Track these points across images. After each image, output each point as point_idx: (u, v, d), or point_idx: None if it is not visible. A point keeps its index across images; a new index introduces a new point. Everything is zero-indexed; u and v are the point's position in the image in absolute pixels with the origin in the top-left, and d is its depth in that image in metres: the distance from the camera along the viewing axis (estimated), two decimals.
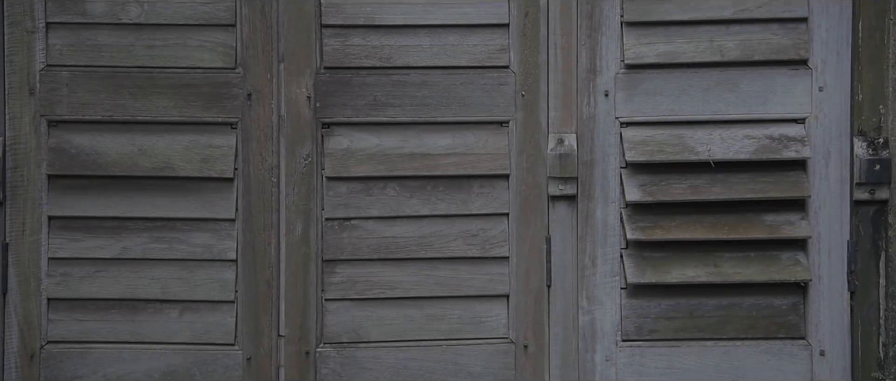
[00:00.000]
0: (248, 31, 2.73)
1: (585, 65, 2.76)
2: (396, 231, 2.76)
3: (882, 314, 2.74)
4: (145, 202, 2.74)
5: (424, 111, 2.75)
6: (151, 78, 2.74)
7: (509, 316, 2.77)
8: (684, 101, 2.75)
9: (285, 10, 2.71)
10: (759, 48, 2.73)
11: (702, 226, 2.73)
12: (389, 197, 2.75)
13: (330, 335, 2.76)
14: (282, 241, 2.73)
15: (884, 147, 2.71)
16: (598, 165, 2.77)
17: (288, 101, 2.72)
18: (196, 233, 2.74)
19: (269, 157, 2.73)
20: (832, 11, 2.73)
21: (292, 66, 2.73)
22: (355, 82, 2.74)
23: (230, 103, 2.73)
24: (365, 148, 2.74)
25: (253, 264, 2.74)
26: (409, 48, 2.74)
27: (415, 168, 2.75)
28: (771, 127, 2.73)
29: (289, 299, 2.74)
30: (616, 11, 2.76)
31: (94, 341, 2.77)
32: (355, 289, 2.76)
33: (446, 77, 2.75)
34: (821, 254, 2.75)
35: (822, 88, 2.73)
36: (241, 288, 2.74)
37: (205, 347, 2.75)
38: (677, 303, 2.76)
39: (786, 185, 2.71)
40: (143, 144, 2.74)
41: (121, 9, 2.74)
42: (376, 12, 2.73)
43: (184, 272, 2.75)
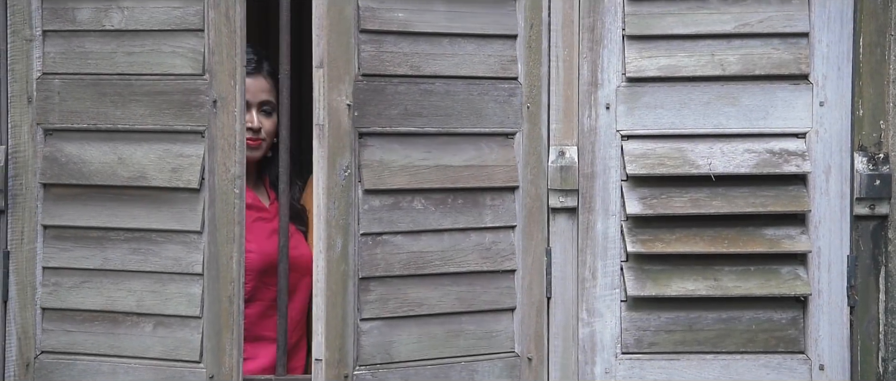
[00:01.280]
0: (214, 36, 2.65)
1: (587, 77, 2.77)
2: (422, 246, 2.69)
3: (882, 329, 2.74)
4: (124, 213, 2.71)
5: (448, 122, 2.71)
6: (130, 85, 2.70)
7: (515, 330, 2.76)
8: (685, 114, 2.75)
9: (327, 13, 2.59)
10: (760, 63, 2.74)
11: (702, 239, 2.73)
12: (416, 211, 2.69)
13: (365, 356, 2.65)
14: (321, 258, 2.61)
15: (884, 162, 2.72)
16: (598, 178, 2.77)
17: (329, 109, 2.59)
18: (169, 245, 2.69)
19: (232, 167, 2.63)
20: (833, 27, 2.74)
21: (333, 72, 2.60)
22: (389, 91, 2.66)
23: (198, 111, 2.66)
24: (396, 159, 2.67)
25: (217, 278, 2.66)
26: (436, 56, 2.69)
27: (439, 180, 2.69)
28: (772, 141, 2.74)
29: (328, 320, 2.61)
30: (618, 25, 2.76)
31: (79, 353, 2.75)
32: (387, 307, 2.66)
33: (466, 87, 2.72)
34: (821, 268, 2.75)
35: (822, 103, 2.74)
36: (206, 303, 2.67)
37: (174, 363, 2.69)
38: (677, 316, 2.76)
39: (786, 199, 2.72)
40: (123, 152, 2.71)
41: (104, 15, 2.71)
42: (408, 18, 2.67)
43: (157, 285, 2.70)
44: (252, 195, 2.90)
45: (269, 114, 2.87)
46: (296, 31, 2.83)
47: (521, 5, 2.74)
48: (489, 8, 2.74)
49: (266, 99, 2.86)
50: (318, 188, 2.60)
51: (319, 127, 2.59)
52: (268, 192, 2.95)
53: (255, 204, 2.89)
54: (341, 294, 2.61)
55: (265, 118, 2.88)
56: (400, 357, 2.67)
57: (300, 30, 4.27)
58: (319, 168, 2.60)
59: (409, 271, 2.67)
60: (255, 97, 2.85)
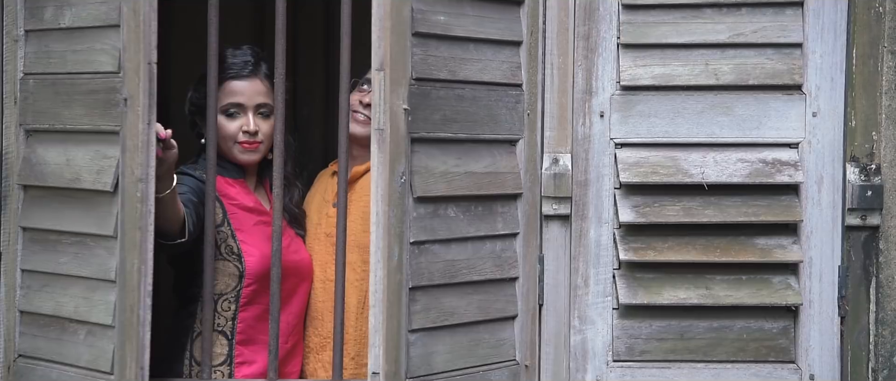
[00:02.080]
0: (126, 32, 2.52)
1: (581, 85, 2.77)
2: (453, 254, 2.64)
3: (872, 340, 2.75)
4: (69, 216, 2.65)
5: (473, 128, 2.67)
6: (74, 85, 2.65)
7: (516, 337, 2.75)
8: (679, 123, 2.76)
9: (389, 14, 2.50)
10: (753, 72, 2.75)
11: (694, 248, 2.73)
12: (450, 218, 2.63)
13: (412, 368, 2.57)
14: (379, 268, 2.50)
15: (876, 173, 2.73)
16: (592, 186, 2.77)
17: (391, 113, 2.50)
18: (97, 250, 2.60)
19: (137, 168, 2.48)
20: (827, 38, 2.75)
21: (394, 75, 2.51)
22: (433, 95, 2.60)
23: (115, 110, 2.57)
24: (436, 166, 2.62)
25: (124, 286, 2.52)
26: (466, 61, 2.66)
27: (467, 187, 2.65)
28: (764, 151, 2.75)
29: (386, 332, 2.51)
30: (612, 33, 2.77)
31: (38, 357, 2.71)
32: (429, 318, 2.60)
33: (487, 93, 2.69)
34: (812, 278, 2.76)
35: (815, 114, 2.75)
36: (117, 312, 2.54)
37: (95, 374, 2.60)
38: (669, 324, 2.76)
39: (778, 209, 2.73)
40: (70, 154, 2.65)
41: (60, 13, 2.67)
42: (448, 22, 2.61)
43: (88, 292, 2.62)
44: (253, 198, 2.89)
45: (267, 117, 2.85)
46: (290, 35, 2.82)
47: (524, 12, 2.74)
48: (504, 13, 2.73)
49: (263, 102, 2.84)
50: (376, 195, 2.51)
51: (379, 131, 2.50)
52: (268, 194, 2.94)
53: (256, 207, 2.88)
54: (397, 305, 2.53)
55: (263, 121, 2.86)
56: (437, 369, 2.62)
57: (296, 33, 4.28)
58: (379, 174, 2.51)
59: (444, 281, 2.63)
60: (251, 100, 2.84)
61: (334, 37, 4.27)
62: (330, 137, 4.38)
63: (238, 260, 2.80)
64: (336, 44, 2.80)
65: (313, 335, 2.97)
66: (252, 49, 2.88)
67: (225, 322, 2.80)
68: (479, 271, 2.67)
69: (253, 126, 2.82)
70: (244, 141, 2.83)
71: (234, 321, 2.81)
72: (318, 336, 2.96)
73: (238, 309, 2.81)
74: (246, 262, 2.80)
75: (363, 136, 2.92)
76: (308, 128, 4.36)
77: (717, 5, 2.75)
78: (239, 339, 2.81)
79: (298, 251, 2.90)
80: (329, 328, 2.93)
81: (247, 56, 2.85)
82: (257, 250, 2.82)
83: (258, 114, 2.84)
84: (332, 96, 4.36)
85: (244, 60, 2.85)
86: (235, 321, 2.81)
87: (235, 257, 2.80)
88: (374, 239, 2.51)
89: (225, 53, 2.84)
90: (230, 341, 2.81)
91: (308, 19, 4.42)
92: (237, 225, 2.82)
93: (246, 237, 2.82)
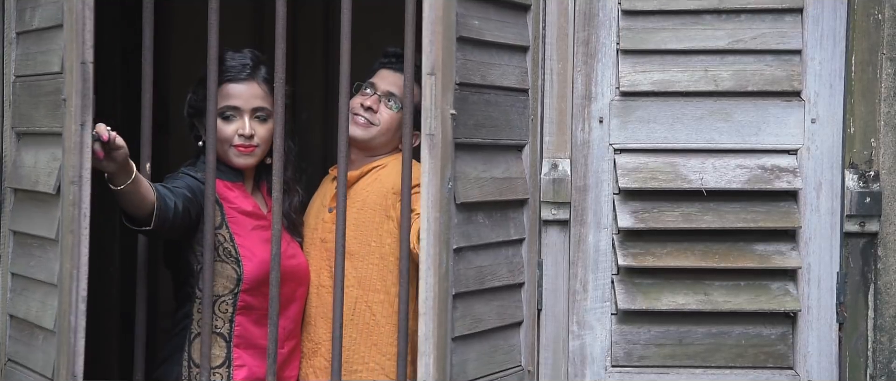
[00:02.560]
0: (66, 32, 2.46)
1: (581, 91, 2.77)
2: (481, 260, 2.61)
3: (870, 347, 2.76)
4: (36, 219, 2.64)
5: (497, 133, 2.66)
6: (40, 86, 2.63)
7: (521, 342, 2.75)
8: (678, 129, 2.76)
9: (441, 18, 2.45)
10: (752, 79, 2.75)
11: (693, 254, 2.74)
12: (479, 224, 2.61)
13: (454, 376, 2.52)
14: (430, 275, 2.45)
15: (875, 180, 2.74)
16: (591, 191, 2.78)
17: (442, 118, 2.46)
18: (50, 253, 2.57)
19: (70, 170, 2.41)
20: (826, 45, 2.75)
21: (444, 80, 2.47)
22: (470, 100, 2.58)
23: (58, 111, 2.52)
24: (470, 172, 2.59)
25: (61, 291, 2.45)
26: (492, 66, 2.64)
27: (492, 193, 2.64)
28: (763, 157, 2.76)
29: (437, 340, 2.45)
30: (612, 39, 2.77)
31: (17, 362, 2.70)
32: (466, 325, 2.56)
33: (506, 98, 2.69)
34: (810, 285, 2.76)
35: (814, 120, 2.76)
36: (58, 317, 2.49)
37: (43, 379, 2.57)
38: (667, 330, 2.76)
39: (777, 215, 2.73)
40: (37, 157, 2.64)
41: (33, 15, 2.66)
42: (481, 26, 2.60)
43: (44, 296, 2.60)
44: (251, 202, 2.89)
45: (264, 120, 2.85)
46: (290, 38, 2.82)
47: (530, 18, 2.75)
48: (516, 18, 2.73)
49: (260, 105, 2.84)
50: (426, 201, 2.46)
51: (430, 137, 2.45)
52: (266, 198, 2.94)
53: (254, 211, 2.88)
54: (444, 312, 2.47)
55: (259, 125, 2.85)
56: (470, 376, 2.58)
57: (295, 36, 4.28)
58: (429, 180, 2.45)
59: (475, 287, 2.60)
60: (247, 103, 2.83)
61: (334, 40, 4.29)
62: (329, 141, 4.39)
63: (236, 263, 2.80)
64: (336, 47, 2.80)
65: (306, 340, 2.97)
66: (251, 52, 2.88)
67: (223, 324, 2.80)
68: (499, 277, 2.67)
69: (248, 130, 2.81)
70: (240, 144, 2.82)
71: (231, 323, 2.81)
72: (311, 342, 2.96)
73: (235, 312, 2.81)
74: (244, 266, 2.80)
75: (362, 139, 2.92)
76: (307, 131, 4.36)
77: (716, 12, 2.75)
78: (236, 342, 2.81)
79: (295, 256, 2.90)
80: (320, 334, 2.93)
81: (245, 59, 2.85)
82: (254, 254, 2.82)
83: (255, 117, 2.83)
84: (332, 100, 4.37)
85: (242, 63, 2.84)
86: (233, 324, 2.81)
87: (233, 259, 2.80)
88: (424, 246, 2.46)
89: (224, 56, 2.83)
90: (228, 343, 2.81)
91: (307, 22, 4.42)
92: (235, 229, 2.82)
93: (244, 241, 2.82)
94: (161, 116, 3.02)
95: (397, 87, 2.91)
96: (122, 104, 4.20)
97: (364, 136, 2.92)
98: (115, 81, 4.19)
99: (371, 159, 2.98)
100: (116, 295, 4.22)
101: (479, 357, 2.62)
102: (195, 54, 2.99)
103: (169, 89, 4.16)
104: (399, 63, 2.84)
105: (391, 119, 2.93)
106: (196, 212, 2.72)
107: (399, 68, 2.85)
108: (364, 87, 2.97)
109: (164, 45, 4.18)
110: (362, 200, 2.92)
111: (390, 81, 2.94)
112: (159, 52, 2.82)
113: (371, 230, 2.90)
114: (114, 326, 4.22)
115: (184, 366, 2.80)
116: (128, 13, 4.10)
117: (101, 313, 4.15)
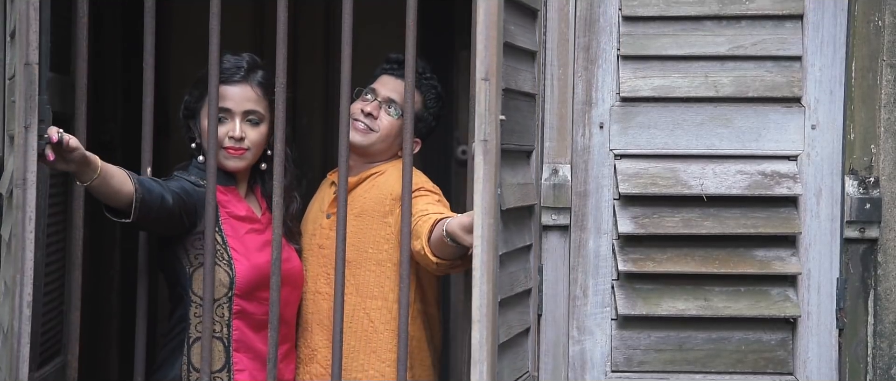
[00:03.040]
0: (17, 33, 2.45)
1: (581, 96, 2.78)
2: (511, 267, 2.62)
3: (870, 352, 2.76)
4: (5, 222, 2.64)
5: (521, 138, 2.67)
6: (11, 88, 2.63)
7: (528, 347, 2.75)
8: (678, 134, 2.77)
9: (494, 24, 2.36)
10: (753, 85, 2.76)
11: (693, 259, 2.74)
12: (510, 231, 2.62)
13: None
14: (484, 282, 2.38)
15: (874, 186, 2.74)
16: (591, 197, 2.78)
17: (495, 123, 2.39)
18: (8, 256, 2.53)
19: (16, 173, 2.38)
20: (826, 51, 2.76)
21: (498, 85, 2.40)
22: (509, 106, 2.55)
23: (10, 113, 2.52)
24: (507, 177, 2.59)
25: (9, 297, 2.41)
26: (517, 70, 2.64)
27: (516, 199, 2.63)
28: (763, 163, 2.76)
29: (490, 349, 2.38)
30: (613, 45, 2.78)
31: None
32: (503, 331, 2.56)
33: (524, 103, 2.70)
34: (810, 290, 2.77)
35: (814, 126, 2.76)
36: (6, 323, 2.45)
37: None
38: (667, 335, 2.77)
39: (777, 221, 2.74)
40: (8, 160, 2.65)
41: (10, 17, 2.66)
42: (513, 31, 2.59)
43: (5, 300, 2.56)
44: (245, 206, 2.89)
45: (257, 124, 2.84)
46: (290, 43, 2.81)
47: (538, 23, 2.75)
48: (530, 23, 2.74)
49: (252, 109, 2.82)
50: (480, 208, 2.39)
51: (484, 142, 2.38)
52: (260, 201, 2.94)
53: (248, 215, 2.87)
54: (495, 319, 2.42)
55: (250, 128, 2.84)
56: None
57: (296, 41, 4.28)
58: (483, 187, 2.39)
59: (507, 293, 2.59)
60: (239, 106, 2.82)
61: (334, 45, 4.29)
62: (329, 146, 4.39)
63: (228, 266, 2.80)
64: (336, 52, 2.80)
65: (302, 346, 2.96)
66: (249, 56, 2.87)
67: (220, 329, 2.80)
68: (521, 283, 2.68)
69: (238, 132, 2.80)
70: (230, 146, 2.81)
71: (228, 327, 2.81)
72: (307, 348, 2.95)
73: (231, 316, 2.81)
74: (236, 270, 2.79)
75: (362, 145, 2.92)
76: (307, 136, 4.36)
77: (717, 18, 2.76)
78: (235, 346, 2.81)
79: (290, 259, 2.90)
80: (316, 341, 2.93)
81: (240, 62, 2.83)
82: (246, 259, 2.81)
83: (246, 120, 2.82)
84: (332, 105, 4.36)
85: (236, 66, 2.83)
86: (231, 328, 2.81)
87: (225, 263, 2.80)
88: (478, 253, 2.43)
89: (221, 58, 2.83)
90: (227, 347, 2.81)
91: (308, 28, 4.42)
92: (229, 232, 2.81)
93: (237, 245, 2.81)
94: (161, 120, 3.02)
95: (398, 93, 2.90)
96: (123, 107, 4.20)
97: (363, 142, 2.92)
98: (116, 82, 4.19)
99: (369, 166, 2.97)
100: (116, 300, 4.21)
101: (509, 364, 2.63)
102: (195, 56, 2.98)
103: (168, 92, 4.15)
104: (401, 69, 2.84)
105: (391, 126, 2.93)
106: (187, 212, 2.72)
107: (400, 75, 2.85)
108: (365, 92, 2.97)
109: (163, 46, 4.18)
110: (360, 206, 2.91)
111: (391, 87, 2.94)
112: (159, 55, 2.81)
113: (368, 237, 2.90)
114: (113, 331, 4.21)
115: (182, 370, 2.80)
116: (128, 14, 4.10)
117: (101, 318, 4.15)
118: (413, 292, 2.87)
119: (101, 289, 4.12)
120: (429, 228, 2.68)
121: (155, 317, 3.52)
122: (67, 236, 2.88)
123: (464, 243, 2.59)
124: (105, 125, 4.08)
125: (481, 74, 2.41)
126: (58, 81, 2.83)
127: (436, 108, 3.01)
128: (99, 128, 3.97)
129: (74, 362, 2.76)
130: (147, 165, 2.77)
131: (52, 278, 2.86)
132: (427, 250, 2.68)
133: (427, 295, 2.96)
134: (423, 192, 2.86)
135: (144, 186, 2.59)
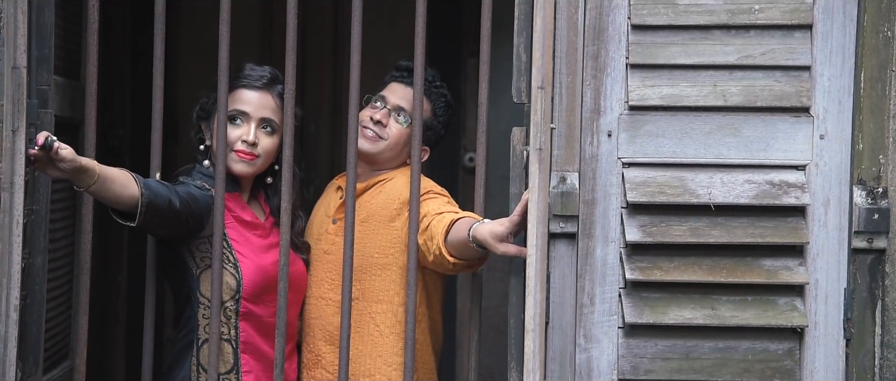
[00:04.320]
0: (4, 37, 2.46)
1: (590, 105, 2.78)
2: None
3: (877, 363, 2.76)
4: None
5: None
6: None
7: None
8: (686, 143, 2.77)
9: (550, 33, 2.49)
10: (761, 94, 2.76)
11: (700, 268, 2.74)
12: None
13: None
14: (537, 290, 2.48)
15: (883, 197, 2.74)
16: (599, 205, 2.78)
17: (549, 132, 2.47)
18: None
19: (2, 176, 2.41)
20: (835, 61, 2.76)
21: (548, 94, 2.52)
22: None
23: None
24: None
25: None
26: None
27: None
28: (771, 173, 2.76)
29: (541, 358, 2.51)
30: (621, 53, 2.78)
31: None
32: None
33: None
34: (818, 301, 2.76)
35: (823, 136, 2.76)
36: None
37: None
38: (674, 344, 2.76)
39: (785, 230, 2.73)
40: None
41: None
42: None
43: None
44: (249, 212, 2.90)
45: (271, 134, 2.85)
46: (299, 51, 2.82)
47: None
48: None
49: (269, 117, 2.85)
50: (534, 216, 2.47)
51: (539, 151, 2.46)
52: (263, 206, 2.95)
53: (253, 221, 2.89)
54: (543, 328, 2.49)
55: (264, 135, 2.86)
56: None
57: (304, 48, 4.29)
58: (538, 195, 2.46)
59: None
60: (257, 111, 2.84)
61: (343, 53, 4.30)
62: (337, 153, 4.40)
63: (234, 270, 2.81)
64: (345, 60, 2.81)
65: (306, 351, 2.97)
66: (271, 69, 2.90)
67: (228, 331, 2.81)
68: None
69: (252, 137, 2.82)
70: (241, 150, 2.82)
71: (236, 329, 2.82)
72: (311, 353, 2.96)
73: (238, 318, 2.82)
74: (243, 273, 2.80)
75: (370, 153, 2.92)
76: (315, 143, 4.37)
77: (725, 27, 2.76)
78: (242, 348, 2.82)
79: (294, 263, 2.91)
80: (320, 346, 2.94)
81: (264, 71, 2.88)
82: (252, 262, 2.83)
83: (261, 127, 2.84)
84: (340, 112, 4.37)
85: (260, 74, 2.87)
86: (238, 330, 2.82)
87: (232, 266, 2.81)
88: (532, 262, 2.46)
89: (244, 66, 2.86)
90: (235, 349, 2.82)
91: (316, 35, 4.43)
92: (234, 236, 2.83)
93: (242, 248, 2.83)
94: (169, 126, 3.03)
95: (408, 101, 2.90)
96: (131, 112, 4.21)
97: (372, 149, 2.92)
98: (124, 87, 4.20)
99: (377, 173, 2.98)
100: (123, 305, 4.22)
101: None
102: (204, 64, 3.00)
103: (177, 98, 4.17)
104: (410, 77, 2.84)
105: (400, 134, 2.93)
106: (193, 216, 2.73)
107: (410, 82, 2.85)
108: (374, 99, 2.98)
109: (173, 52, 4.19)
110: (366, 211, 2.92)
111: (401, 94, 2.95)
112: (168, 61, 2.82)
113: (373, 242, 2.91)
114: (121, 336, 4.22)
115: (192, 370, 2.81)
116: (137, 19, 4.12)
117: (108, 322, 4.16)
118: (419, 298, 2.87)
119: (108, 293, 4.13)
120: (444, 227, 2.69)
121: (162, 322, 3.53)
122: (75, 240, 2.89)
123: (494, 250, 2.60)
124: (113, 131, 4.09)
125: (537, 82, 2.45)
126: (68, 86, 2.85)
127: (445, 116, 3.02)
128: (106, 133, 3.98)
129: (82, 366, 2.77)
130: (155, 171, 2.77)
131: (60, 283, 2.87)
132: (444, 250, 2.69)
133: (432, 300, 2.96)
134: (432, 195, 2.86)
135: (151, 190, 2.60)
